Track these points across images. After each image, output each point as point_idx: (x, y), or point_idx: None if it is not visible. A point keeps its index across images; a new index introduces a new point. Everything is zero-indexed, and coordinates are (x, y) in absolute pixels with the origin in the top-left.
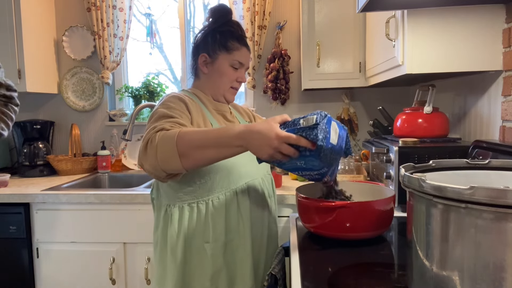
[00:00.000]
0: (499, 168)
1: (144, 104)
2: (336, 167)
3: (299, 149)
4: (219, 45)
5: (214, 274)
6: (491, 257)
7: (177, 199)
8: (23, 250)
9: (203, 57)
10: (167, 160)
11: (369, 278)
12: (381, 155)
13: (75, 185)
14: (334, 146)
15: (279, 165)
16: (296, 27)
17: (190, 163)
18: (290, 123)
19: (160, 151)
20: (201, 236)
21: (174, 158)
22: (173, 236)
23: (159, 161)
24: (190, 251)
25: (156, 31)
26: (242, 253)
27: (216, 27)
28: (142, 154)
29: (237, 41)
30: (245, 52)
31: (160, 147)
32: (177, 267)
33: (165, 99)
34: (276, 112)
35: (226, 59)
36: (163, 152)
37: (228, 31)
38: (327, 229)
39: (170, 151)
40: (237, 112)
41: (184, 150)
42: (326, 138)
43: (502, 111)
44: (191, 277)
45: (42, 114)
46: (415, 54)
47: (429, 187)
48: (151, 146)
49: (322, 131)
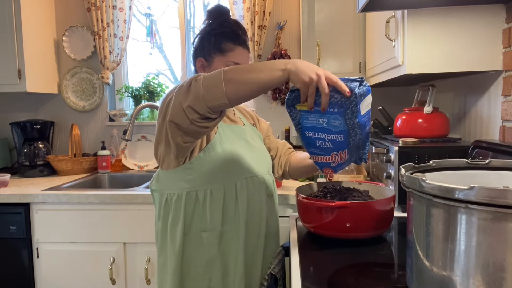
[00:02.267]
0: (499, 168)
1: (144, 104)
2: (344, 161)
3: (330, 103)
4: (213, 48)
5: (209, 262)
6: (491, 257)
7: (177, 188)
8: (23, 250)
9: (200, 61)
10: (212, 87)
11: (369, 278)
12: (381, 155)
13: (75, 185)
14: (361, 115)
15: (301, 118)
16: (296, 27)
17: (233, 89)
18: None
19: (206, 81)
20: (198, 224)
21: (219, 85)
22: (173, 223)
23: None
24: (188, 238)
25: (156, 31)
26: (236, 245)
27: (211, 29)
28: (185, 91)
29: (231, 42)
30: (240, 52)
31: (206, 79)
32: (175, 253)
33: (176, 88)
34: (276, 112)
35: (221, 61)
36: (209, 80)
37: (222, 33)
38: (327, 229)
39: (216, 78)
40: (240, 113)
41: (229, 76)
42: (362, 96)
43: (502, 111)
44: (188, 264)
45: (42, 114)
46: (415, 54)
47: (429, 187)
48: (196, 82)
49: (362, 88)
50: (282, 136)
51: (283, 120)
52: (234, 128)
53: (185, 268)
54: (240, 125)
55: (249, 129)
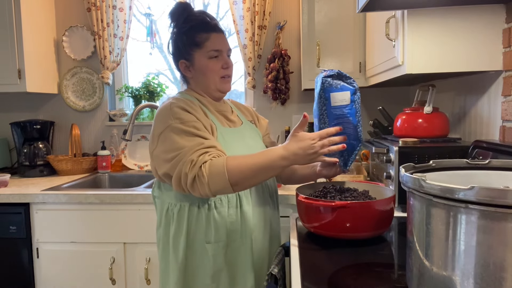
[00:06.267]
0: (499, 168)
1: (144, 104)
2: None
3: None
4: (189, 45)
5: (215, 274)
6: (491, 257)
7: (178, 199)
8: (23, 250)
9: (182, 63)
10: (220, 191)
11: (369, 278)
12: (381, 155)
13: (75, 185)
14: (331, 105)
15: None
16: (296, 27)
17: (241, 189)
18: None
19: (213, 186)
20: (202, 236)
21: (227, 189)
22: (174, 235)
23: (212, 192)
24: (191, 251)
25: (156, 31)
26: (243, 254)
27: (179, 29)
28: (190, 186)
29: (203, 32)
30: (215, 37)
31: (212, 184)
32: (178, 265)
33: (172, 112)
34: (276, 112)
35: (201, 54)
36: (215, 186)
37: (191, 27)
38: (327, 229)
39: (223, 185)
40: (239, 111)
41: (235, 180)
42: (330, 85)
43: (502, 111)
44: (192, 275)
45: (42, 114)
46: (415, 54)
47: (429, 187)
48: (200, 182)
49: (334, 81)
50: (282, 136)
51: (283, 120)
52: (234, 131)
53: (189, 280)
54: (238, 127)
55: (248, 128)
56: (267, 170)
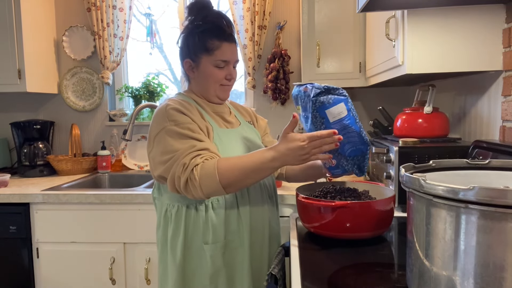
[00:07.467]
0: (499, 168)
1: (144, 104)
2: (335, 166)
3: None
4: (199, 48)
5: (213, 274)
6: (491, 257)
7: (176, 200)
8: (23, 250)
9: (187, 63)
10: (213, 193)
11: (369, 278)
12: (381, 155)
13: (75, 185)
14: (329, 122)
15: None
16: (296, 27)
17: (234, 190)
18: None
19: (205, 188)
20: (200, 237)
21: (219, 191)
22: (172, 236)
23: (204, 194)
24: (189, 252)
25: (156, 31)
26: (241, 254)
27: (194, 27)
28: (183, 188)
29: (216, 39)
30: (227, 47)
31: (204, 187)
32: (176, 266)
33: (168, 114)
34: (276, 112)
35: (209, 61)
36: (207, 188)
37: (206, 30)
38: (327, 229)
39: (214, 187)
40: (237, 112)
41: (227, 182)
42: (321, 103)
43: (502, 111)
44: (190, 276)
45: (42, 114)
46: (415, 54)
47: (429, 187)
48: (192, 184)
49: (324, 96)
50: None
51: (283, 120)
52: (231, 132)
53: (188, 281)
54: (236, 128)
55: (246, 128)
56: (258, 171)
